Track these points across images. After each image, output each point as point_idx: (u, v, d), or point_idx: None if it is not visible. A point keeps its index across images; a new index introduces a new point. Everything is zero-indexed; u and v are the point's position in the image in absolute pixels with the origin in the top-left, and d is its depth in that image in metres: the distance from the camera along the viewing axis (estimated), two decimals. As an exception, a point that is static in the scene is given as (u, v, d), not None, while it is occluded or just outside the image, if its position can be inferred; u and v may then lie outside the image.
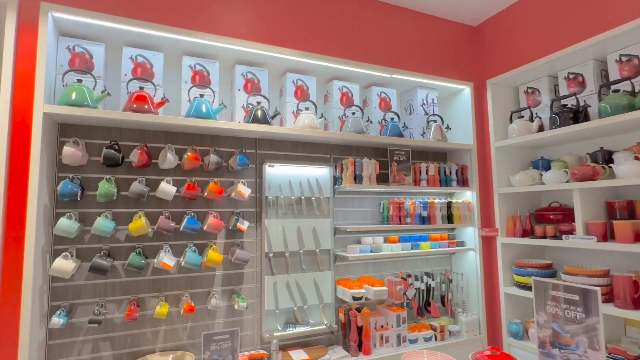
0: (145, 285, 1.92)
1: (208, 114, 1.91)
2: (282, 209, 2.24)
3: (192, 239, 2.02)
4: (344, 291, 2.24)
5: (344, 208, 2.44)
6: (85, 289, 1.82)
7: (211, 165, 1.98)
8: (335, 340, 2.31)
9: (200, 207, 2.06)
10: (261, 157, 2.23)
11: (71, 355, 1.76)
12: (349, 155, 2.48)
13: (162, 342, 1.93)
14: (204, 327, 2.02)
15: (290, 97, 2.25)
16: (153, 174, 1.97)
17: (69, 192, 1.68)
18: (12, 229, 1.57)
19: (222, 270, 2.08)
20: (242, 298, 2.00)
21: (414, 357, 1.44)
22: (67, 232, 1.66)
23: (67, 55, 1.79)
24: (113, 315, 1.85)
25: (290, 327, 2.17)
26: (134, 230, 1.78)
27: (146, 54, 1.93)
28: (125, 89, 1.85)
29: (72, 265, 1.65)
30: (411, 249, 2.43)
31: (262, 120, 2.04)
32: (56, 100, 1.73)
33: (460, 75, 2.75)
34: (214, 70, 2.08)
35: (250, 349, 2.08)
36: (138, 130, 1.97)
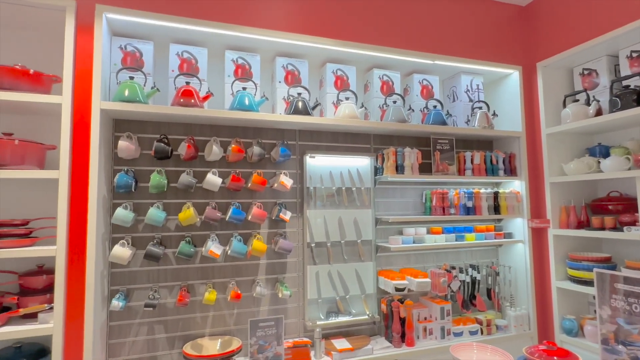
0: (194, 272, 2.01)
1: (251, 106, 1.95)
2: (323, 200, 2.25)
3: (236, 229, 2.09)
4: (386, 282, 2.22)
5: (385, 198, 2.41)
6: (140, 275, 1.93)
7: (254, 156, 2.02)
8: (377, 330, 2.30)
9: (243, 198, 2.12)
10: (302, 148, 2.25)
11: (129, 336, 1.89)
12: (390, 145, 2.44)
13: (210, 327, 2.02)
14: (249, 313, 2.08)
15: (330, 88, 2.24)
16: (199, 166, 2.05)
17: (125, 183, 1.78)
18: (76, 218, 1.69)
19: (266, 259, 2.13)
20: (285, 287, 2.05)
21: (463, 350, 1.41)
22: (123, 221, 1.76)
23: (119, 54, 1.89)
24: (165, 300, 1.95)
25: (332, 317, 2.19)
26: (183, 219, 1.86)
27: (191, 49, 2.00)
28: (173, 85, 1.93)
29: (128, 252, 1.76)
30: (455, 240, 2.37)
31: (302, 112, 2.05)
32: (111, 97, 1.83)
33: (507, 59, 2.61)
34: (255, 64, 2.11)
35: (294, 337, 2.12)
36: (185, 124, 2.04)
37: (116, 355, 1.86)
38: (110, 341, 1.86)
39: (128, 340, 1.88)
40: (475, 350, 1.40)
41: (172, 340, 1.95)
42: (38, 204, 1.80)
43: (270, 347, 1.88)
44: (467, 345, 1.42)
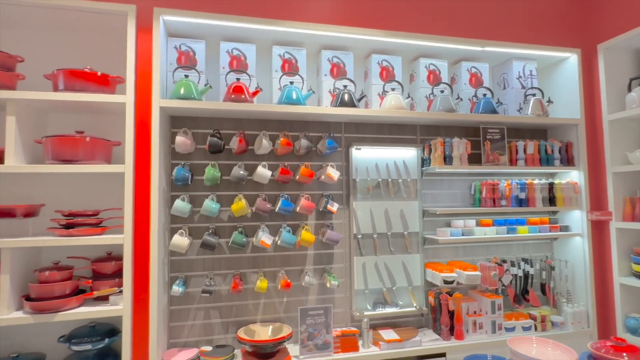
0: (246, 261, 2.10)
1: (298, 100, 1.99)
2: (369, 192, 2.25)
3: (285, 220, 2.15)
4: (433, 274, 2.20)
5: (432, 190, 2.38)
6: (197, 263, 2.04)
7: (302, 149, 2.06)
8: (424, 323, 2.29)
9: (291, 190, 2.17)
10: (348, 140, 2.26)
11: (188, 320, 2.01)
12: (437, 135, 2.39)
13: (261, 314, 2.10)
14: (298, 302, 2.14)
15: (376, 79, 2.23)
16: (249, 159, 2.12)
17: (182, 177, 1.89)
18: (139, 209, 1.82)
19: (313, 249, 2.18)
20: (333, 277, 2.08)
21: (522, 343, 1.37)
22: (181, 212, 1.87)
23: (174, 53, 1.99)
24: (220, 287, 2.05)
25: (379, 308, 2.20)
26: (236, 211, 1.94)
27: (240, 46, 2.06)
28: (224, 81, 2.00)
29: (187, 241, 1.86)
30: (507, 233, 2.29)
31: (349, 104, 2.06)
32: (168, 95, 1.94)
33: (564, 41, 2.46)
34: (302, 57, 2.14)
35: (341, 326, 2.16)
36: (235, 119, 2.12)
37: (177, 337, 1.99)
38: (171, 324, 1.99)
39: (187, 323, 2.01)
40: (535, 345, 1.36)
41: (226, 325, 2.05)
42: (106, 196, 1.95)
43: (320, 335, 1.93)
44: (526, 339, 1.38)
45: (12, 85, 1.72)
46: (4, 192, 1.86)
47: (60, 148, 1.71)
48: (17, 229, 1.78)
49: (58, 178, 1.91)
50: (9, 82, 1.71)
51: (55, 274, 1.71)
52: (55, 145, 1.71)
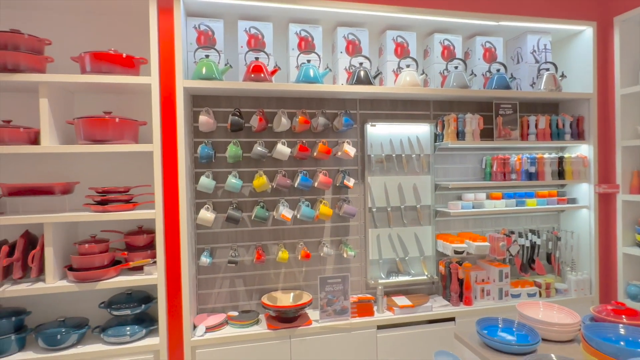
0: (267, 233, 2.22)
1: (315, 78, 2.04)
2: (383, 166, 2.33)
3: (303, 195, 2.25)
4: (444, 245, 2.31)
5: (444, 165, 2.45)
6: (221, 235, 2.17)
7: (319, 127, 2.13)
8: (435, 290, 2.43)
9: (308, 166, 2.26)
10: (363, 117, 2.32)
11: (214, 288, 2.16)
12: (450, 110, 2.44)
13: (282, 282, 2.25)
14: (316, 271, 2.28)
15: (391, 55, 2.26)
16: (267, 136, 2.20)
17: (206, 154, 1.98)
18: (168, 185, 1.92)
19: (330, 222, 2.29)
20: (350, 248, 2.20)
21: (530, 307, 1.49)
22: (207, 188, 1.97)
23: (194, 33, 2.03)
24: (243, 257, 2.19)
25: (392, 276, 2.34)
26: (258, 186, 2.04)
27: (258, 25, 2.09)
28: (243, 60, 2.05)
29: (213, 216, 1.98)
30: (516, 205, 2.38)
31: (365, 81, 2.10)
32: (189, 75, 1.99)
33: (580, 14, 2.45)
34: (318, 35, 2.16)
35: (357, 293, 2.30)
36: (254, 97, 2.18)
37: (205, 304, 2.15)
38: (200, 291, 2.14)
39: (214, 291, 2.16)
40: (541, 309, 1.48)
41: (250, 293, 2.20)
42: (134, 173, 2.05)
43: (338, 301, 2.07)
44: (533, 303, 1.50)
45: (42, 68, 1.79)
46: (40, 171, 1.97)
47: (92, 128, 1.80)
48: (56, 205, 1.90)
49: (90, 157, 2.01)
50: (39, 65, 1.77)
51: (94, 246, 1.84)
52: (87, 126, 1.80)
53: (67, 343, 1.78)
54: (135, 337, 1.85)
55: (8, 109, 1.94)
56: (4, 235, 1.93)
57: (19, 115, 1.92)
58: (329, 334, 2.03)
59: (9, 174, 1.94)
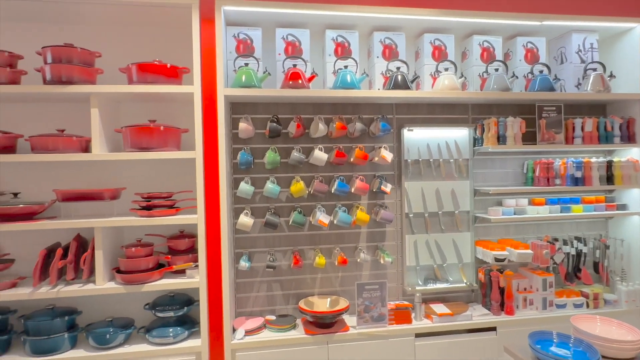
0: (304, 239, 2.23)
1: (352, 83, 2.03)
2: (420, 172, 2.30)
3: (339, 200, 2.24)
4: (484, 252, 2.25)
5: (484, 169, 2.39)
6: (258, 240, 2.20)
7: (356, 132, 2.12)
8: (474, 298, 2.36)
9: (344, 171, 2.25)
10: (399, 121, 2.30)
11: (252, 292, 2.19)
12: (490, 114, 2.37)
13: (319, 287, 2.25)
14: (352, 277, 2.27)
15: (428, 59, 2.23)
16: (304, 142, 2.21)
17: (246, 161, 2.01)
18: (209, 191, 1.96)
19: (366, 228, 2.28)
20: (387, 254, 2.18)
21: (585, 321, 1.42)
22: (246, 194, 2.01)
23: (233, 42, 2.07)
24: (280, 262, 2.21)
25: (430, 283, 2.30)
26: (295, 192, 2.05)
27: (295, 32, 2.11)
28: (280, 67, 2.08)
29: (251, 221, 2.01)
30: (560, 212, 2.28)
31: (402, 86, 2.08)
32: (229, 83, 2.04)
33: (628, 11, 2.32)
34: (354, 40, 2.16)
35: (394, 300, 2.27)
36: (291, 104, 2.20)
37: (243, 307, 2.18)
38: (238, 295, 2.18)
39: (252, 295, 2.19)
40: (598, 324, 1.41)
41: (287, 297, 2.22)
42: (176, 179, 2.12)
43: (375, 308, 2.06)
44: (589, 317, 1.43)
45: (93, 79, 1.88)
46: (90, 177, 2.06)
47: (138, 136, 1.87)
48: (104, 210, 1.99)
49: (135, 164, 2.09)
50: (91, 77, 1.86)
51: (140, 250, 1.91)
52: (134, 134, 1.87)
53: (115, 342, 1.86)
54: (178, 338, 1.90)
55: (60, 119, 2.05)
56: (57, 238, 2.04)
57: (70, 124, 2.02)
58: (367, 340, 2.02)
59: (61, 181, 2.05)
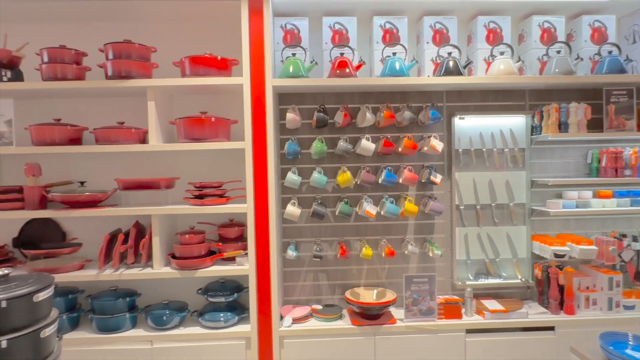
0: (350, 229, 2.22)
1: (401, 71, 1.97)
2: (472, 161, 2.20)
3: (386, 191, 2.20)
4: (542, 247, 2.12)
5: (542, 159, 2.24)
6: (305, 230, 2.21)
7: (404, 121, 2.06)
8: (529, 295, 2.24)
9: (392, 162, 2.21)
10: (450, 109, 2.21)
11: (299, 281, 2.22)
12: (549, 100, 2.21)
13: (364, 279, 2.23)
14: (399, 269, 2.23)
15: (482, 43, 2.11)
16: (350, 132, 2.18)
17: (293, 151, 2.02)
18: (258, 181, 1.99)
19: (414, 219, 2.22)
20: (436, 247, 2.12)
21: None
22: (293, 184, 2.02)
23: (280, 32, 2.08)
24: (326, 252, 2.21)
25: (482, 278, 2.20)
26: (342, 182, 2.04)
27: (342, 20, 2.08)
28: (327, 56, 2.06)
29: (299, 211, 2.03)
30: (630, 205, 2.10)
31: (454, 72, 1.99)
32: (277, 74, 2.05)
33: None
34: (403, 26, 2.09)
35: (442, 294, 2.21)
36: (337, 93, 2.18)
37: (289, 296, 2.22)
38: (285, 283, 2.21)
39: (298, 284, 2.22)
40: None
41: (333, 287, 2.23)
42: (225, 169, 2.18)
43: (424, 301, 2.01)
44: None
45: (149, 73, 1.96)
46: (146, 167, 2.17)
47: (191, 128, 1.94)
48: (160, 198, 2.08)
49: (188, 154, 2.17)
50: (147, 71, 1.95)
51: (193, 237, 1.98)
52: (187, 126, 1.94)
53: (171, 324, 1.96)
54: (229, 323, 1.97)
55: (120, 112, 2.16)
56: (118, 224, 2.17)
57: (127, 117, 2.13)
58: (415, 334, 1.98)
59: (119, 170, 2.17)
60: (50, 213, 1.92)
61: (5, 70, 1.92)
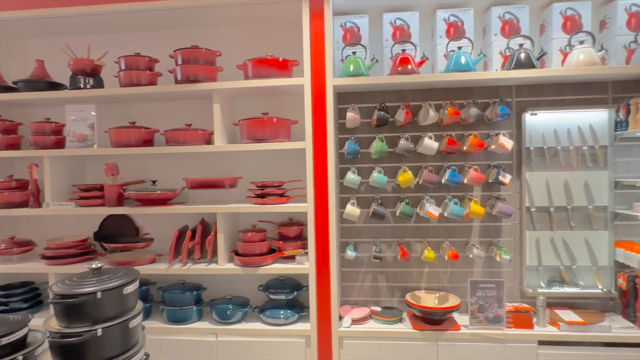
0: (410, 230, 2.16)
1: (467, 66, 1.88)
2: (545, 161, 2.04)
3: (449, 191, 2.11)
4: (627, 255, 1.92)
5: (628, 158, 2.03)
6: (363, 230, 2.19)
7: (470, 118, 1.97)
8: (611, 307, 2.04)
9: (455, 161, 2.11)
10: (520, 104, 2.07)
11: (357, 282, 2.20)
12: (636, 92, 2.00)
13: (425, 282, 2.16)
14: (462, 273, 2.13)
15: (557, 32, 1.95)
16: (411, 130, 2.12)
17: (353, 150, 2.00)
18: (318, 180, 2.00)
19: (479, 222, 2.11)
20: (504, 251, 2.00)
21: None
22: (353, 183, 2.00)
23: (340, 31, 2.07)
24: (386, 254, 2.17)
25: (555, 286, 2.04)
26: (403, 182, 1.99)
27: (403, 15, 2.02)
28: (388, 53, 2.01)
29: (358, 211, 2.00)
30: None
31: (526, 64, 1.86)
32: (336, 74, 2.04)
33: None
34: (468, 19, 1.99)
35: (510, 301, 2.07)
36: (397, 91, 2.13)
37: (347, 296, 2.21)
38: (343, 284, 2.20)
39: (357, 284, 2.20)
40: None
41: (392, 290, 2.18)
42: (285, 169, 2.21)
43: (491, 308, 1.90)
44: None
45: (215, 77, 2.04)
46: (211, 167, 2.27)
47: (254, 128, 1.99)
48: (224, 197, 2.16)
49: (250, 154, 2.23)
50: (213, 75, 2.03)
51: (255, 235, 2.04)
52: (250, 126, 1.99)
53: (235, 318, 2.02)
54: (289, 320, 2.00)
55: (185, 114, 2.27)
56: (185, 221, 2.28)
57: (192, 119, 2.24)
58: (480, 342, 1.88)
59: (186, 169, 2.28)
60: (126, 210, 2.07)
61: (88, 78, 2.09)
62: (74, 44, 2.20)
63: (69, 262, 2.09)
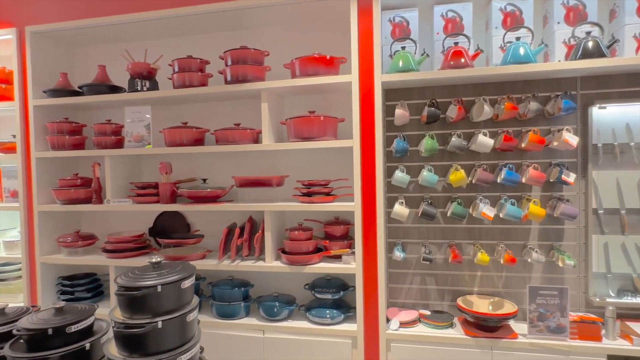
0: (461, 232, 2.06)
1: (527, 57, 1.76)
2: (616, 158, 1.87)
3: (504, 191, 2.00)
4: None
5: None
6: (412, 231, 2.12)
7: (529, 113, 1.84)
8: (694, 321, 1.83)
9: (511, 159, 1.99)
10: (585, 98, 1.91)
11: (405, 283, 2.13)
12: None
13: (478, 286, 2.06)
14: (519, 278, 2.00)
15: (630, 17, 1.78)
16: (463, 127, 2.03)
17: (402, 148, 1.95)
18: (365, 179, 1.97)
19: (538, 224, 1.98)
20: (567, 256, 1.85)
21: None
22: (401, 182, 1.95)
23: (388, 27, 2.01)
24: (436, 256, 2.09)
25: (627, 296, 1.87)
26: (454, 181, 1.90)
27: (455, 7, 1.94)
28: (439, 47, 1.94)
29: (407, 210, 1.94)
30: None
31: (594, 53, 1.71)
32: (384, 70, 1.99)
33: None
34: (527, 7, 1.87)
35: (573, 310, 1.92)
36: (448, 86, 2.04)
37: (395, 298, 2.15)
38: (390, 285, 2.15)
39: (404, 286, 2.13)
40: None
41: (442, 293, 2.10)
42: (331, 167, 2.20)
43: (553, 317, 1.77)
44: None
45: (263, 76, 2.06)
46: (258, 165, 2.30)
47: (300, 127, 1.99)
48: (271, 195, 2.19)
49: (296, 153, 2.24)
50: (261, 74, 2.05)
51: (302, 233, 2.04)
52: (297, 125, 1.99)
53: (281, 316, 2.04)
54: (335, 320, 1.98)
55: (233, 113, 2.32)
56: (233, 218, 2.34)
57: (240, 118, 2.28)
58: (540, 353, 1.76)
59: (235, 168, 2.33)
60: (179, 207, 2.15)
61: (145, 81, 2.20)
62: (131, 49, 2.32)
63: (127, 256, 2.21)
